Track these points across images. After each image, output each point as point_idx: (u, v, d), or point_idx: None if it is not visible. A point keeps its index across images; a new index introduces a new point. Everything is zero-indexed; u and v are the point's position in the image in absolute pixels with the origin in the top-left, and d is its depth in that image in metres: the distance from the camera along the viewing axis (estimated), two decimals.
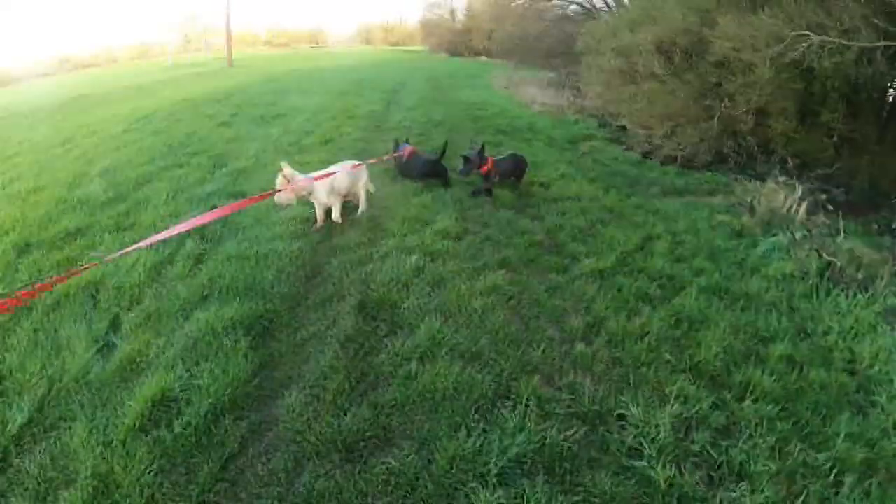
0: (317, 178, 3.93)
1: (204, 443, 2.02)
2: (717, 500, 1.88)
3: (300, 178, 3.82)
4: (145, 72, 25.23)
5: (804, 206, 4.84)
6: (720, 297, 3.34)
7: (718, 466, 2.04)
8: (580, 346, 2.63)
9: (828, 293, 3.58)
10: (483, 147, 4.91)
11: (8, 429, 2.17)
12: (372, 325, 2.75)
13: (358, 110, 10.04)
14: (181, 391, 2.25)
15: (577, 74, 12.64)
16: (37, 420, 2.24)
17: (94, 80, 22.49)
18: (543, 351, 2.56)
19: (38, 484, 1.93)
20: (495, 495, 1.74)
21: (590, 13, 15.33)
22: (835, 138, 6.43)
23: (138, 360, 2.53)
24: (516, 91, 14.72)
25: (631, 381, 2.41)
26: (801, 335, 3.10)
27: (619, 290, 3.23)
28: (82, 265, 3.46)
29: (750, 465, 2.04)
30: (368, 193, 4.53)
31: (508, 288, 3.15)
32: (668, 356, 2.61)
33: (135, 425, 2.10)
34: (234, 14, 26.52)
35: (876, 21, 5.14)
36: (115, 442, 2.04)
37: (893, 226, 4.45)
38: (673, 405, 2.23)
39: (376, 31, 54.41)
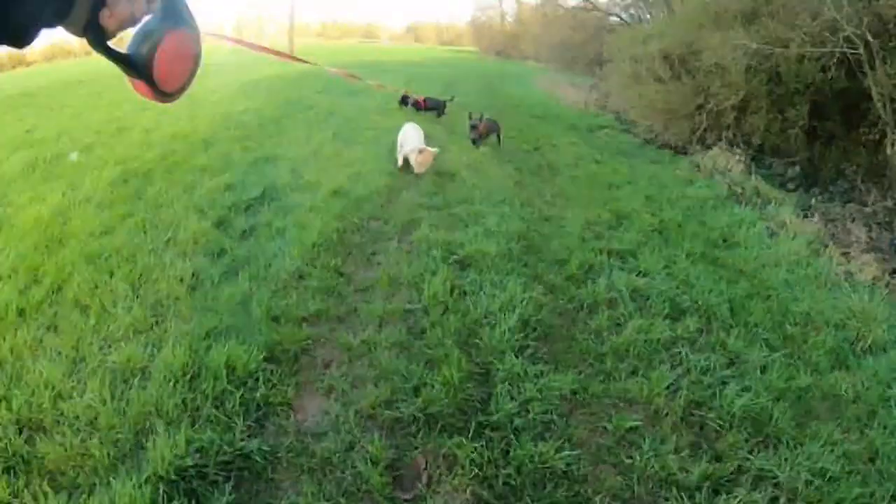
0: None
1: (370, 198, 4.42)
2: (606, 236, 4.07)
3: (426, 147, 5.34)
4: (212, 53, 27.90)
5: (740, 166, 6.84)
6: (646, 198, 5.44)
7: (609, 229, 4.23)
8: (548, 196, 4.92)
9: (728, 207, 5.60)
10: (482, 116, 7.09)
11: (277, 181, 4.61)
12: (441, 183, 5.14)
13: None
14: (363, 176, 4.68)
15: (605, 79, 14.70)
16: (290, 180, 4.66)
17: None
18: (527, 197, 4.85)
19: (287, 207, 4.28)
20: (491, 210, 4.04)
21: (628, 25, 17.25)
22: (797, 132, 8.30)
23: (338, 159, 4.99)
24: (555, 91, 16.90)
25: (571, 209, 4.65)
26: (697, 223, 5.15)
27: (584, 184, 5.44)
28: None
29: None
30: None
31: (517, 178, 5.45)
32: (599, 206, 4.81)
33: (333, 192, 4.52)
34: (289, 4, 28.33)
35: (827, 34, 7.02)
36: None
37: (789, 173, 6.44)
38: (588, 214, 4.45)
39: (427, 30, 54.19)
